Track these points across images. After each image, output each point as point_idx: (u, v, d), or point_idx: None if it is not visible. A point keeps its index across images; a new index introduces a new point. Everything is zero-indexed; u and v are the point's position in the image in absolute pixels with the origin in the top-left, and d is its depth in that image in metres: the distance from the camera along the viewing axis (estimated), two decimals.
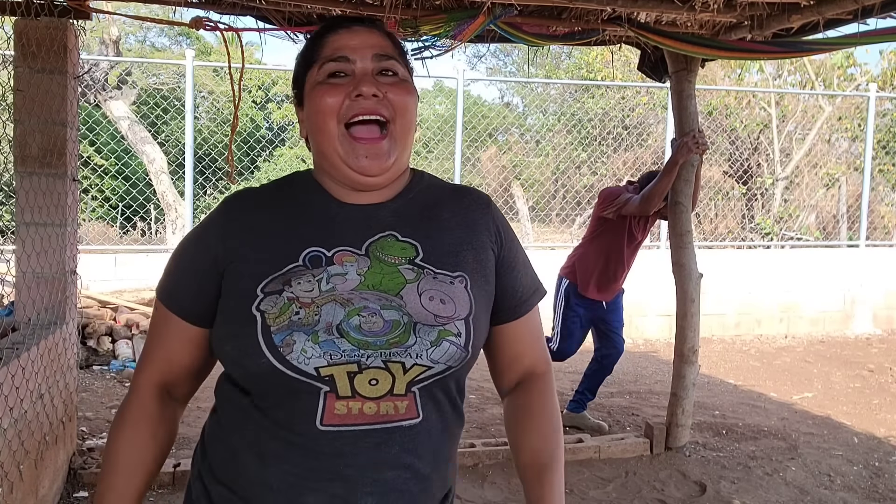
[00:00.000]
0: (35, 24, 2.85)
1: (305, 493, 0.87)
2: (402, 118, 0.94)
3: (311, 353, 0.85)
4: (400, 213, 0.98)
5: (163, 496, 2.95)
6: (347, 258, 0.93)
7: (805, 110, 10.06)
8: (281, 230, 0.96)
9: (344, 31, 0.96)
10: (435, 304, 0.90)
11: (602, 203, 3.80)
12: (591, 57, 12.00)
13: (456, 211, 1.00)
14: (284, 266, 0.92)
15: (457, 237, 0.98)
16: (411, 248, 0.94)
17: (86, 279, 4.91)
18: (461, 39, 3.05)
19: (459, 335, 0.90)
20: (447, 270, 0.94)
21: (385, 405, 0.87)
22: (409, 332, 0.88)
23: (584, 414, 3.96)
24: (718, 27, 3.26)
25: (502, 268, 1.01)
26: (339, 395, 0.86)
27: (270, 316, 0.88)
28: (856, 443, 3.84)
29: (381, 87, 0.93)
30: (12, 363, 2.22)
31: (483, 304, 0.96)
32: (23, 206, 2.83)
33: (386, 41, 0.97)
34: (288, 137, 15.68)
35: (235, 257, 0.94)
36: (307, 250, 0.93)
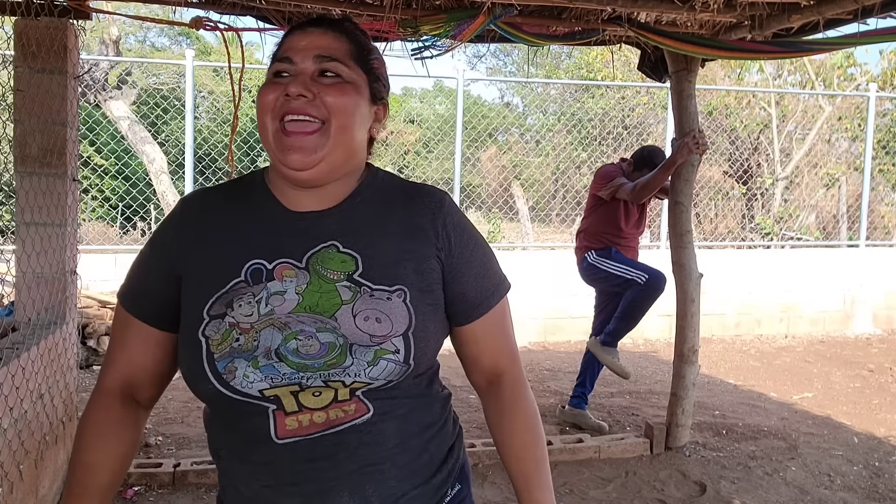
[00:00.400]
0: (35, 24, 2.85)
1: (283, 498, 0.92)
2: (337, 118, 0.93)
3: (252, 378, 0.88)
4: (344, 220, 0.98)
5: (163, 496, 2.96)
6: (287, 272, 0.94)
7: (805, 110, 10.06)
8: (228, 237, 0.97)
9: (298, 32, 0.97)
10: (370, 325, 0.91)
11: (597, 182, 3.87)
12: (591, 57, 12.01)
13: (402, 217, 0.99)
14: (228, 283, 0.94)
15: (399, 247, 0.97)
16: (351, 260, 0.95)
17: (86, 279, 4.91)
18: (461, 39, 3.05)
19: (397, 352, 0.91)
20: (385, 285, 0.94)
21: (333, 412, 0.91)
22: (346, 353, 0.89)
23: (585, 412, 3.96)
24: (718, 27, 3.26)
25: (450, 275, 1.00)
26: (286, 412, 0.90)
27: (213, 342, 0.90)
28: (856, 443, 3.84)
29: (317, 87, 0.93)
30: (12, 363, 2.22)
31: (427, 314, 0.96)
32: (23, 206, 2.83)
33: (337, 42, 0.97)
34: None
35: (188, 268, 0.97)
36: (249, 263, 0.94)
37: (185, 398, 4.36)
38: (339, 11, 2.96)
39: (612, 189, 3.75)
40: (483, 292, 1.03)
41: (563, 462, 3.41)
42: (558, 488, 3.15)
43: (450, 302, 1.01)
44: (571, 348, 6.06)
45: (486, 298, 1.03)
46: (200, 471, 3.08)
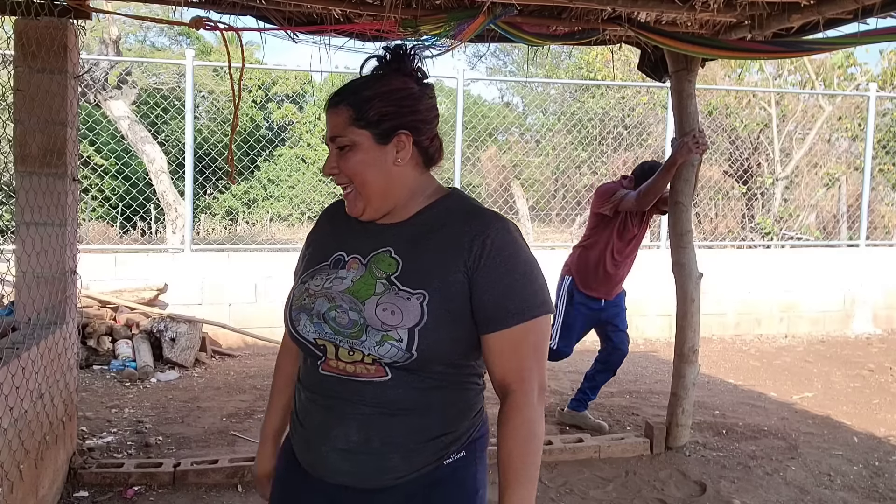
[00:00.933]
0: (35, 23, 2.85)
1: (313, 412, 1.25)
2: (356, 179, 1.23)
3: (308, 329, 1.23)
4: (400, 233, 1.24)
5: (163, 496, 2.96)
6: (354, 265, 1.24)
7: (805, 110, 10.06)
8: (332, 234, 1.34)
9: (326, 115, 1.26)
10: (385, 315, 1.16)
11: (598, 200, 3.80)
12: (591, 57, 12.00)
13: (449, 235, 1.21)
14: (318, 264, 1.30)
15: (432, 260, 1.19)
16: (395, 264, 1.21)
17: (86, 279, 4.90)
18: (461, 39, 3.05)
19: (400, 340, 1.14)
20: (410, 288, 1.17)
21: (359, 367, 1.19)
22: (363, 331, 1.16)
23: (585, 413, 3.96)
24: (718, 27, 3.26)
25: (474, 288, 1.18)
26: (328, 357, 1.21)
27: (294, 297, 1.28)
28: (856, 442, 3.84)
29: (338, 160, 1.23)
30: (12, 363, 2.22)
31: (442, 318, 1.16)
32: (23, 206, 2.83)
33: (339, 118, 1.22)
34: (288, 137, 15.68)
35: (312, 249, 1.36)
36: (335, 254, 1.28)
37: (185, 398, 4.36)
38: (339, 11, 2.96)
39: (615, 203, 3.69)
40: (502, 310, 1.18)
41: (564, 462, 3.41)
42: (558, 488, 3.15)
43: (474, 310, 1.19)
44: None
45: (504, 317, 1.17)
46: (200, 470, 3.08)
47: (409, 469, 1.21)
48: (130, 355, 4.97)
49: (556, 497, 3.06)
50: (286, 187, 14.49)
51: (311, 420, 1.26)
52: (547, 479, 3.23)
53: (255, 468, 1.49)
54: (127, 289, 5.42)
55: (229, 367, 5.21)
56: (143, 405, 4.21)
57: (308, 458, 1.27)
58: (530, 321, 1.18)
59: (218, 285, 5.68)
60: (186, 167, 5.87)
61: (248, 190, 14.70)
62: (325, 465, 1.24)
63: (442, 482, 1.25)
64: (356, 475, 1.22)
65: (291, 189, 14.42)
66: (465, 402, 1.28)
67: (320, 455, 1.24)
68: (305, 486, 1.29)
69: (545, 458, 3.42)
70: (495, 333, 1.18)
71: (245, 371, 5.11)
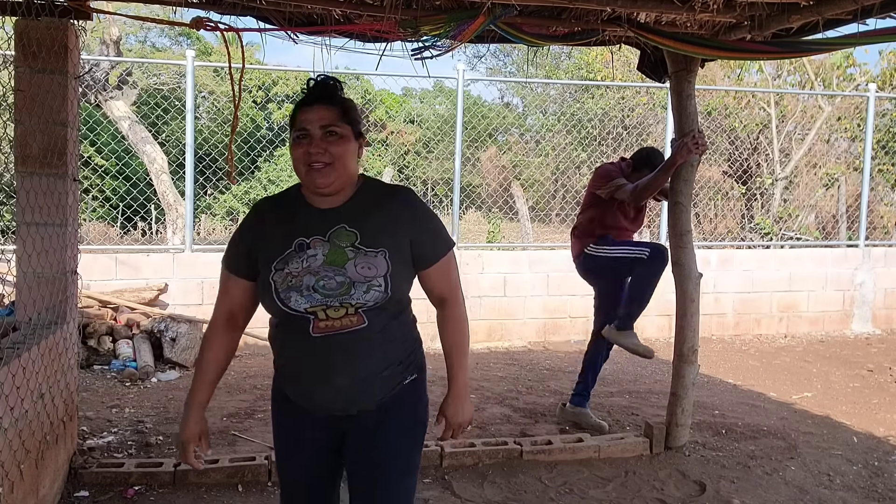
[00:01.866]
0: (35, 24, 2.85)
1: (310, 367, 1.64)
2: (339, 160, 1.62)
3: (300, 302, 1.59)
4: (348, 212, 1.66)
5: (163, 496, 2.96)
6: (317, 244, 1.63)
7: (804, 110, 10.07)
8: (282, 226, 1.68)
9: (306, 108, 1.64)
10: (364, 270, 1.59)
11: (597, 180, 3.83)
12: (591, 57, 12.01)
13: (385, 209, 1.67)
14: (284, 251, 1.63)
15: (381, 226, 1.64)
16: (354, 234, 1.63)
17: (86, 279, 4.90)
18: (461, 40, 3.06)
19: (380, 286, 1.59)
20: (373, 248, 1.62)
21: (345, 320, 1.60)
22: (351, 286, 1.58)
23: (586, 411, 3.95)
24: (718, 27, 3.27)
25: (414, 241, 1.67)
26: (319, 319, 1.60)
27: (278, 283, 1.61)
28: (855, 442, 3.84)
29: (325, 143, 1.61)
30: (13, 363, 2.22)
31: (399, 265, 1.63)
32: (23, 206, 2.84)
33: (330, 112, 1.63)
34: (288, 137, 15.68)
35: (259, 246, 1.68)
36: (296, 240, 1.64)
37: (185, 398, 4.36)
38: (339, 12, 2.96)
39: (612, 189, 3.73)
40: (433, 249, 1.71)
41: (563, 461, 3.42)
42: (558, 487, 3.15)
43: (415, 256, 1.68)
44: (571, 348, 6.07)
45: (436, 254, 1.71)
46: (201, 470, 3.08)
47: (384, 392, 1.68)
48: (131, 355, 4.97)
49: (555, 497, 3.07)
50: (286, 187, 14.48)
51: (308, 374, 1.64)
52: (547, 479, 3.23)
53: (181, 434, 1.75)
54: (127, 289, 5.43)
55: (229, 367, 5.20)
56: (144, 405, 4.21)
57: (309, 402, 1.68)
58: (449, 253, 1.73)
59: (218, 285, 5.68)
60: (187, 167, 5.87)
61: (249, 190, 14.71)
62: (326, 404, 1.66)
63: (404, 397, 1.72)
64: (349, 406, 1.66)
65: None
66: (410, 332, 1.74)
67: (321, 397, 1.65)
68: (305, 421, 1.71)
69: (545, 458, 3.42)
70: (433, 266, 1.71)
71: (245, 371, 5.12)
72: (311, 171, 1.61)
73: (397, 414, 1.70)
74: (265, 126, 15.40)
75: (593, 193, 3.86)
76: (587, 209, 3.90)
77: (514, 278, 6.30)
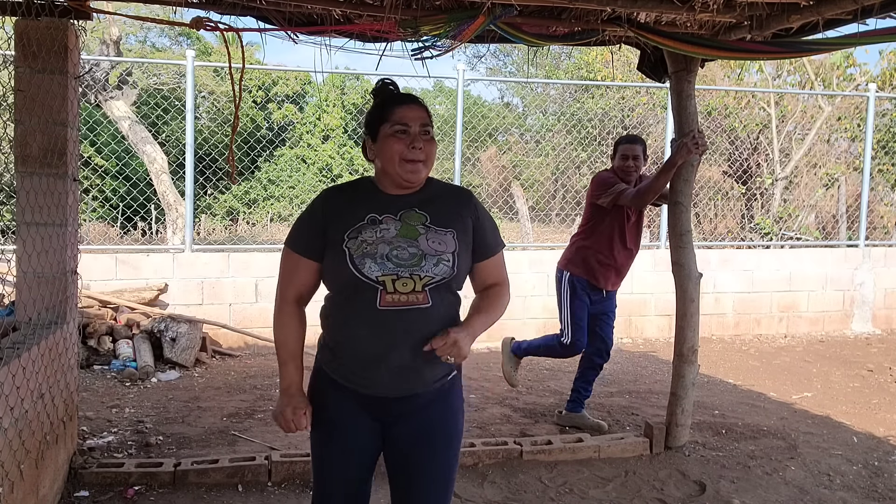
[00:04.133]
0: (35, 24, 2.85)
1: (370, 341, 1.68)
2: (430, 157, 1.76)
3: (373, 268, 1.65)
4: (419, 198, 1.79)
5: (163, 495, 2.96)
6: (389, 220, 1.73)
7: (804, 110, 10.07)
8: (352, 205, 1.77)
9: (405, 106, 1.74)
10: (436, 245, 1.71)
11: (596, 189, 3.79)
12: (591, 57, 12.01)
13: (451, 200, 1.82)
14: (356, 223, 1.72)
15: (448, 212, 1.78)
16: (424, 216, 1.75)
17: (86, 279, 4.91)
18: (461, 40, 3.06)
19: (449, 261, 1.70)
20: (443, 228, 1.74)
21: (411, 297, 1.67)
22: (422, 259, 1.68)
23: (582, 413, 3.96)
24: (718, 27, 3.27)
25: (476, 230, 1.80)
26: (387, 291, 1.66)
27: (353, 250, 1.68)
28: (855, 442, 3.84)
29: (422, 142, 1.72)
30: (13, 363, 2.22)
31: (464, 247, 1.76)
32: (23, 206, 2.84)
33: (424, 113, 1.76)
34: (288, 137, 15.68)
35: (331, 223, 1.74)
36: (368, 215, 1.74)
37: (185, 398, 4.37)
38: (340, 12, 2.96)
39: (613, 196, 3.69)
40: (491, 244, 1.85)
41: (563, 461, 3.42)
42: (558, 487, 3.15)
43: (476, 245, 1.80)
44: None
45: (494, 247, 1.86)
46: (201, 470, 3.08)
47: (433, 378, 1.75)
48: (131, 355, 4.97)
49: (555, 497, 3.07)
50: (286, 187, 14.50)
51: (366, 348, 1.69)
52: (547, 479, 3.23)
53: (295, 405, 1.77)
54: (127, 289, 5.43)
55: (230, 367, 5.21)
56: (144, 405, 4.21)
57: (361, 380, 1.72)
58: (502, 249, 1.89)
59: (218, 285, 5.69)
60: (187, 167, 5.87)
61: (249, 190, 14.71)
62: (380, 383, 1.71)
63: (448, 394, 1.81)
64: (402, 387, 1.72)
65: (291, 189, 14.43)
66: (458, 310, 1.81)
67: (377, 374, 1.70)
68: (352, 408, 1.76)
69: (545, 458, 3.42)
70: (492, 258, 1.85)
71: (245, 371, 5.12)
72: (408, 166, 1.71)
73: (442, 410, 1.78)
74: (265, 126, 15.40)
75: (593, 205, 3.82)
76: (587, 223, 3.86)
77: (514, 278, 6.23)
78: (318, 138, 15.61)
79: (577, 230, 3.98)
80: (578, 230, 3.96)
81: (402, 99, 1.76)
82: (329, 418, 1.79)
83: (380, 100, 1.81)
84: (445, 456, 1.80)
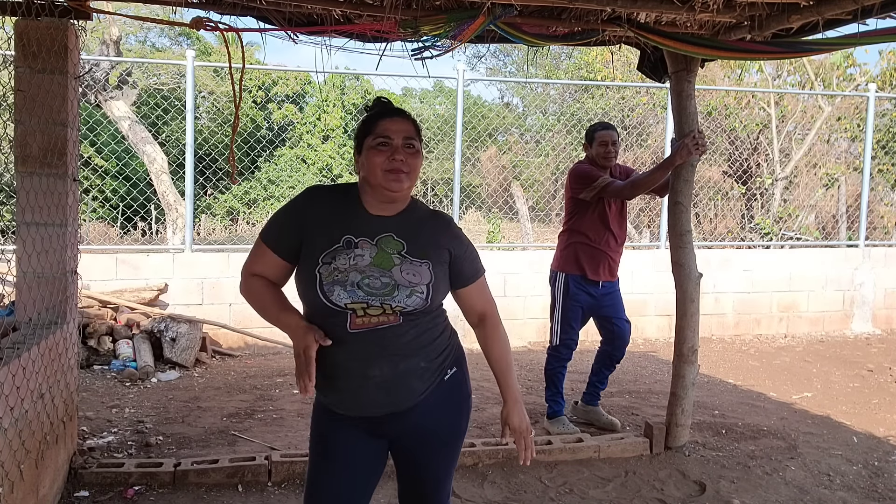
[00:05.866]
0: (35, 24, 2.85)
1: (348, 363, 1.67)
2: (413, 172, 1.74)
3: (342, 296, 1.65)
4: (398, 223, 1.76)
5: (163, 496, 2.96)
6: (364, 245, 1.70)
7: (804, 110, 10.06)
8: (334, 219, 1.73)
9: (388, 119, 1.74)
10: (409, 277, 1.69)
11: (577, 184, 3.76)
12: (591, 57, 12.01)
13: (430, 226, 1.80)
14: (332, 246, 1.69)
15: (427, 241, 1.76)
16: (401, 244, 1.73)
17: (86, 279, 4.91)
18: (461, 40, 3.06)
19: (422, 293, 1.69)
20: (418, 258, 1.72)
21: (381, 318, 1.66)
22: (394, 290, 1.67)
23: (598, 409, 3.97)
24: (718, 27, 3.27)
25: (453, 261, 1.80)
26: (357, 315, 1.66)
27: (324, 276, 1.66)
28: (855, 442, 3.84)
29: (404, 154, 1.71)
30: (13, 363, 2.22)
31: (440, 277, 1.74)
32: (23, 206, 2.84)
33: (409, 126, 1.75)
34: (288, 137, 15.69)
35: (309, 231, 1.72)
36: (344, 236, 1.70)
37: (185, 398, 4.37)
38: (339, 12, 2.96)
39: (597, 188, 3.67)
40: (472, 271, 1.85)
41: (563, 461, 3.42)
42: (558, 488, 3.15)
43: (453, 275, 1.80)
44: None
45: (474, 275, 1.86)
46: (201, 470, 3.08)
47: (424, 387, 1.74)
48: (131, 355, 4.97)
49: (555, 497, 3.07)
50: (286, 187, 14.50)
51: (346, 371, 1.68)
52: (547, 479, 3.23)
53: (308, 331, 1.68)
54: (127, 289, 5.43)
55: (230, 367, 5.21)
56: (144, 405, 4.21)
57: (349, 403, 1.73)
58: (483, 274, 1.89)
59: (218, 285, 5.69)
60: (187, 167, 5.87)
61: (249, 190, 14.71)
62: (367, 402, 1.71)
63: (448, 392, 1.80)
64: (391, 402, 1.71)
65: (292, 189, 14.43)
66: (443, 328, 1.81)
67: (361, 395, 1.70)
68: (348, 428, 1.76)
69: (545, 458, 3.42)
70: (472, 285, 1.85)
71: (245, 371, 5.12)
72: (390, 175, 1.69)
73: (441, 413, 1.78)
74: (265, 126, 15.40)
75: (576, 199, 3.79)
76: (576, 221, 3.83)
77: (514, 278, 6.30)
78: (318, 138, 15.61)
79: (562, 227, 3.97)
80: (563, 227, 3.95)
81: (387, 112, 1.76)
82: (326, 444, 1.80)
83: (367, 114, 1.81)
84: (446, 454, 1.84)
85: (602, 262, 3.80)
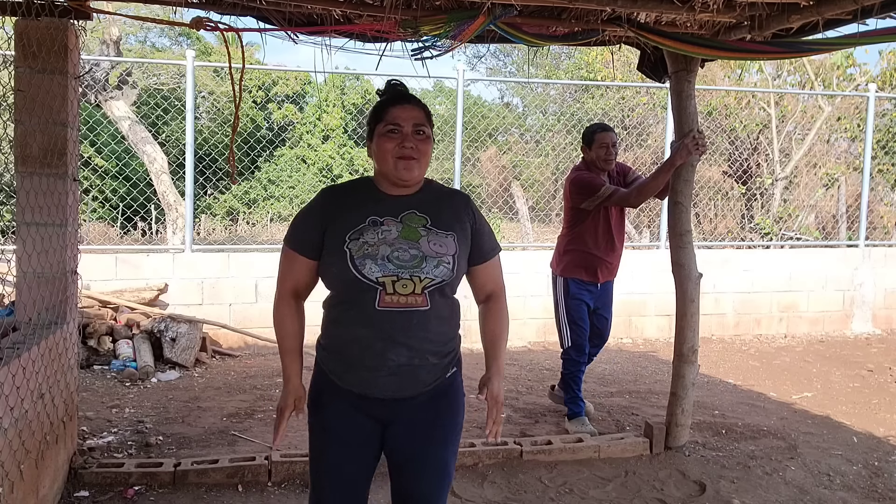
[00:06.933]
0: (36, 24, 2.85)
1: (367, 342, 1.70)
2: (424, 157, 1.77)
3: (374, 270, 1.68)
4: (419, 200, 1.82)
5: (163, 496, 2.96)
6: (389, 222, 1.76)
7: (804, 110, 10.06)
8: (353, 207, 1.78)
9: (398, 107, 1.77)
10: (436, 248, 1.74)
11: (579, 195, 3.74)
12: (591, 57, 12.00)
13: (449, 203, 1.85)
14: (357, 225, 1.74)
15: (449, 215, 1.82)
16: (424, 218, 1.79)
17: (86, 279, 4.91)
18: (461, 40, 3.06)
19: (448, 264, 1.74)
20: (443, 230, 1.78)
21: (410, 299, 1.70)
22: (423, 261, 1.71)
23: (583, 419, 3.89)
24: (718, 27, 3.27)
25: (473, 234, 1.84)
26: (386, 292, 1.68)
27: (354, 251, 1.70)
28: (855, 442, 3.84)
29: (415, 141, 1.75)
30: (13, 363, 2.22)
31: (463, 250, 1.80)
32: (23, 206, 2.84)
33: (419, 112, 1.78)
34: (288, 137, 15.69)
35: (330, 224, 1.76)
36: (369, 217, 1.76)
37: (185, 398, 4.37)
38: (339, 12, 2.96)
39: (601, 198, 3.67)
40: (488, 249, 1.88)
41: (563, 461, 3.42)
42: (558, 488, 3.15)
43: (472, 249, 1.84)
44: None
45: (490, 252, 1.89)
46: (201, 470, 3.08)
47: (430, 380, 1.78)
48: (131, 355, 4.97)
49: (555, 497, 3.07)
50: (286, 187, 14.50)
51: (363, 350, 1.71)
52: (547, 479, 3.23)
53: (280, 402, 1.86)
54: (127, 289, 5.43)
55: (230, 367, 5.21)
56: (144, 405, 4.21)
57: (358, 381, 1.75)
58: (498, 253, 1.92)
59: (218, 285, 5.69)
60: (187, 167, 5.87)
61: (249, 190, 14.71)
62: (377, 384, 1.73)
63: (448, 390, 1.84)
64: (399, 389, 1.74)
65: (291, 189, 14.44)
66: (457, 324, 1.86)
67: (375, 375, 1.72)
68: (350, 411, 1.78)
69: (545, 458, 3.42)
70: (489, 262, 1.88)
71: (245, 371, 5.12)
72: (401, 163, 1.73)
73: (442, 406, 1.82)
74: (265, 126, 15.40)
75: (577, 209, 3.77)
76: (570, 228, 3.83)
77: (514, 278, 6.30)
78: (318, 138, 15.61)
79: (562, 232, 3.95)
80: (563, 232, 3.93)
81: (398, 99, 1.78)
82: (327, 420, 1.81)
83: (379, 101, 1.83)
84: (443, 451, 1.83)
85: (602, 267, 3.82)
